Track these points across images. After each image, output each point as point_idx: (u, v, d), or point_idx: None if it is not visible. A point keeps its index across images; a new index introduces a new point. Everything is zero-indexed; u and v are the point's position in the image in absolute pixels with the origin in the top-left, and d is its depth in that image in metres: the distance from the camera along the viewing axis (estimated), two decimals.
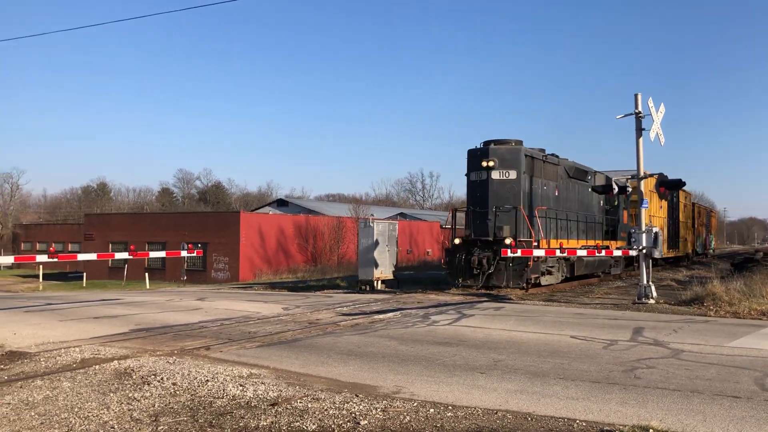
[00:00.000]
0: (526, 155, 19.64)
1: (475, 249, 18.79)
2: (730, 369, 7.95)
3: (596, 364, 8.23)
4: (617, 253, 19.91)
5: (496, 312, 14.22)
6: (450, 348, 9.47)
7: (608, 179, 25.09)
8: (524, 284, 18.28)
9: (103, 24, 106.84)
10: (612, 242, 25.61)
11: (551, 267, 20.19)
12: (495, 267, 18.38)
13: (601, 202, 25.37)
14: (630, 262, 28.22)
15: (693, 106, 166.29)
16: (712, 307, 14.37)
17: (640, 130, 16.03)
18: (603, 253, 21.16)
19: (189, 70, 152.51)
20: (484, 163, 19.18)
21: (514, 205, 18.91)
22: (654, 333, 10.94)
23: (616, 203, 26.30)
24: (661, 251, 15.56)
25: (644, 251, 15.77)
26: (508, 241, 17.58)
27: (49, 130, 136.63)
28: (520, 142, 20.01)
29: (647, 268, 15.85)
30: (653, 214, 28.17)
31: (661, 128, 16.15)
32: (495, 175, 19.23)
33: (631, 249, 16.08)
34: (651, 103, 15.86)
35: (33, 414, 5.91)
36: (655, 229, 15.70)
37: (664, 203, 31.21)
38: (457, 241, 19.49)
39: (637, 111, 15.93)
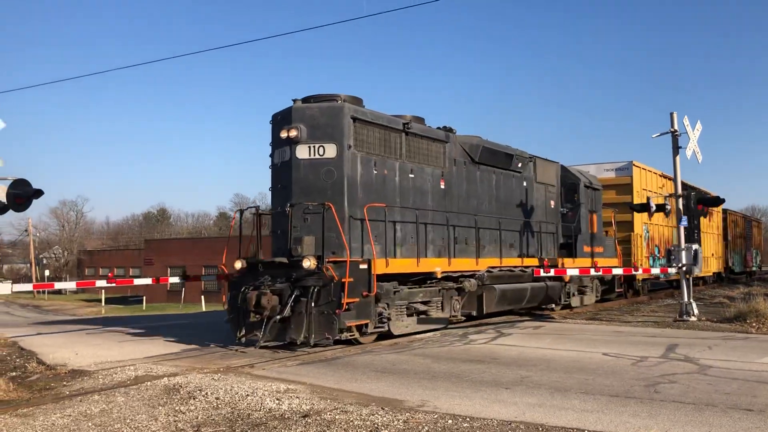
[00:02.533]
0: (356, 119, 12.51)
1: (265, 278, 11.91)
2: (753, 384, 8.11)
3: (620, 380, 8.49)
4: (617, 271, 18.57)
5: (535, 331, 14.47)
6: (481, 365, 9.84)
7: (577, 176, 19.97)
8: (334, 336, 11.31)
9: (169, 59, 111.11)
10: (568, 259, 18.70)
11: (421, 303, 13.42)
12: (293, 308, 11.33)
13: (552, 202, 18.85)
14: (631, 285, 24.72)
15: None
16: (754, 324, 14.32)
17: (677, 149, 16.15)
18: (547, 272, 16.03)
19: (242, 97, 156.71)
20: (284, 134, 12.33)
21: (324, 200, 11.97)
22: (687, 350, 11.06)
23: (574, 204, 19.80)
24: (700, 268, 15.53)
25: (684, 269, 15.79)
26: (306, 263, 11.22)
27: (111, 157, 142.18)
28: (351, 100, 12.80)
29: (688, 286, 15.85)
30: (655, 222, 25.25)
31: (698, 145, 16.23)
32: (301, 152, 12.36)
33: (670, 267, 16.09)
34: (687, 122, 15.98)
35: (90, 424, 6.57)
36: (694, 247, 15.72)
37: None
38: (238, 264, 12.60)
39: (673, 129, 16.06)
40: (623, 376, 8.79)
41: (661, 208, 16.85)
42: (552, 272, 16.03)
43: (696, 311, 15.86)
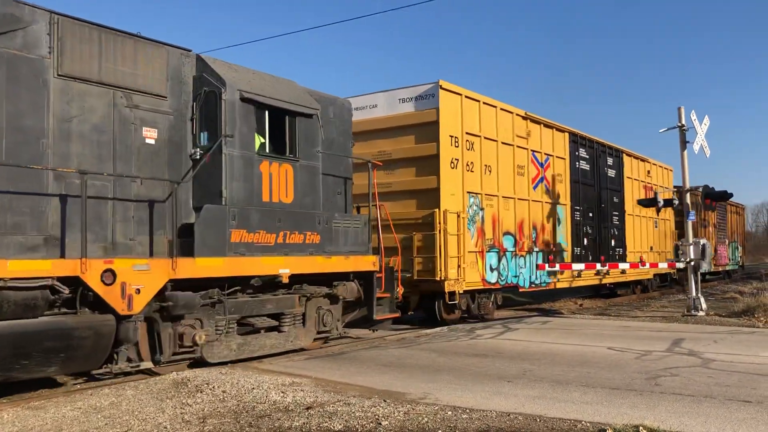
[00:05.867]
0: None
1: None
2: (753, 376, 8.17)
3: (622, 373, 8.58)
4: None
5: (542, 326, 14.55)
6: (485, 359, 9.95)
7: (222, 76, 9.52)
8: None
9: None
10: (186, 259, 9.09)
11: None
12: None
13: (149, 134, 9.07)
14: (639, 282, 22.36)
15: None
16: (762, 318, 14.31)
17: (684, 143, 16.15)
18: None
19: None
20: None
21: None
22: (692, 344, 11.11)
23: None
24: (709, 264, 15.51)
25: (692, 263, 15.79)
26: None
27: None
28: None
29: (696, 280, 15.85)
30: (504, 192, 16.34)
31: (705, 140, 16.22)
32: None
33: (677, 261, 16.09)
34: (694, 117, 15.97)
35: (99, 416, 6.74)
36: (702, 241, 15.72)
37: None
38: None
39: (680, 124, 16.06)
40: (626, 369, 8.87)
41: (669, 203, 16.85)
42: None
43: (704, 306, 15.86)
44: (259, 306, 10.12)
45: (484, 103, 15.80)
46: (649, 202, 17.60)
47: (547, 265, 16.38)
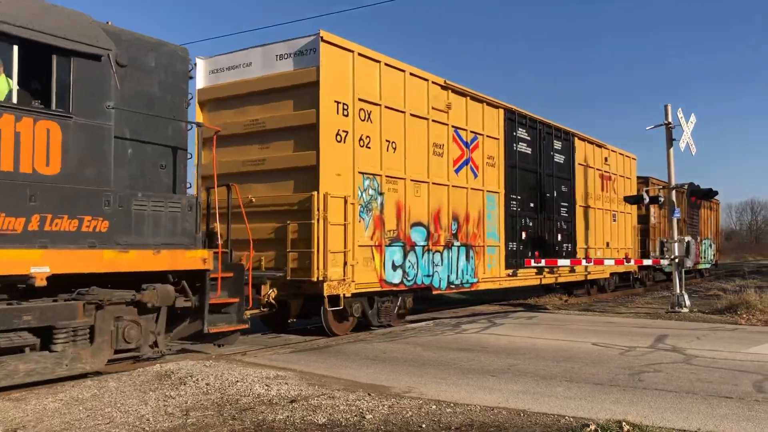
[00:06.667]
0: None
1: None
2: (735, 373, 8.24)
3: (606, 368, 8.62)
4: None
5: (527, 321, 14.60)
6: (470, 354, 9.97)
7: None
8: None
9: None
10: None
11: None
12: None
13: None
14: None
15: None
16: (744, 316, 14.46)
17: (670, 141, 16.27)
18: None
19: None
20: None
21: None
22: (675, 340, 11.19)
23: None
24: (692, 260, 15.63)
25: (676, 261, 15.91)
26: None
27: None
28: None
29: (680, 277, 15.98)
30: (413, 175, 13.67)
31: (692, 138, 16.32)
32: None
33: (662, 258, 16.20)
34: (681, 114, 16.08)
35: (81, 408, 6.69)
36: (687, 239, 15.84)
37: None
38: None
39: (667, 122, 16.17)
40: (610, 365, 8.92)
41: (655, 200, 16.95)
42: None
43: (688, 303, 15.99)
44: (9, 317, 7.32)
45: (386, 64, 12.94)
46: (635, 199, 17.68)
47: (532, 260, 16.35)
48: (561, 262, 17.23)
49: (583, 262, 18.14)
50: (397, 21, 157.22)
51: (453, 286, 14.55)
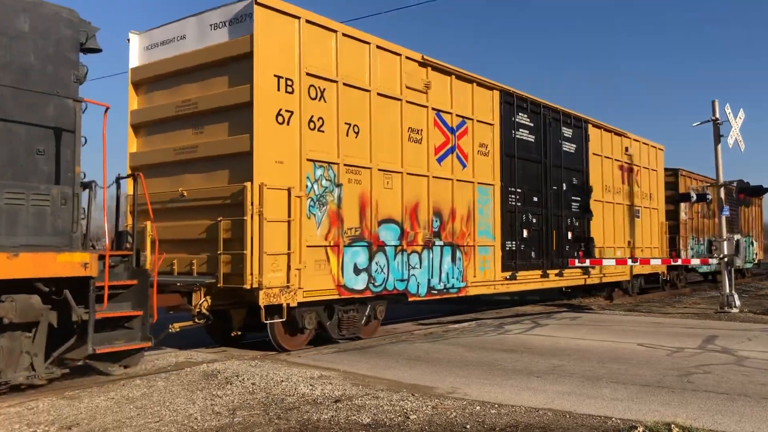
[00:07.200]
0: None
1: None
2: None
3: (653, 370, 8.47)
4: None
5: (572, 322, 14.42)
6: (514, 354, 9.89)
7: None
8: None
9: None
10: None
11: None
12: None
13: None
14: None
15: None
16: None
17: (718, 137, 15.89)
18: None
19: None
20: None
21: None
22: (725, 341, 10.93)
23: None
24: (742, 259, 15.22)
25: (725, 260, 15.53)
26: None
27: None
28: None
29: (729, 277, 15.59)
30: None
31: (740, 134, 15.92)
32: None
33: (711, 258, 15.83)
34: (728, 110, 15.69)
35: (131, 407, 6.84)
36: (737, 237, 15.44)
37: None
38: None
39: (714, 118, 15.79)
40: (657, 366, 8.76)
41: (702, 197, 16.57)
42: None
43: (738, 303, 15.61)
44: None
45: (345, 35, 11.21)
46: (682, 197, 17.28)
47: (576, 260, 16.06)
48: (606, 261, 16.88)
49: (629, 261, 17.74)
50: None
51: (435, 292, 12.75)
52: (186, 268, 10.31)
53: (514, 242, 15.03)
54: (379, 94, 11.75)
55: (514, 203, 15.16)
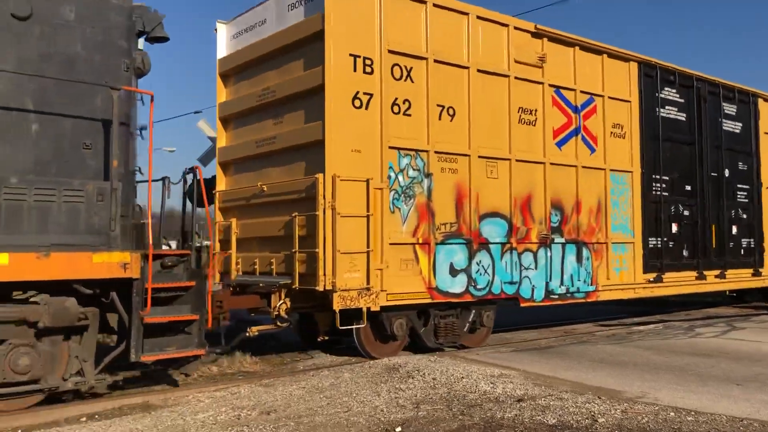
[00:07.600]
0: None
1: None
2: None
3: None
4: None
5: None
6: (708, 359, 9.22)
7: None
8: None
9: None
10: None
11: None
12: None
13: None
14: None
15: None
16: None
17: None
18: None
19: None
20: None
21: None
22: None
23: None
24: None
25: None
26: None
27: None
28: None
29: None
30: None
31: None
32: None
33: None
34: None
35: (321, 396, 7.23)
36: None
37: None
38: None
39: None
40: None
41: None
42: None
43: None
44: None
45: (436, 5, 9.90)
46: None
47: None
48: None
49: None
50: None
51: (555, 296, 11.14)
52: (267, 267, 9.63)
53: (659, 238, 13.04)
54: (480, 70, 10.38)
55: (659, 193, 13.12)
